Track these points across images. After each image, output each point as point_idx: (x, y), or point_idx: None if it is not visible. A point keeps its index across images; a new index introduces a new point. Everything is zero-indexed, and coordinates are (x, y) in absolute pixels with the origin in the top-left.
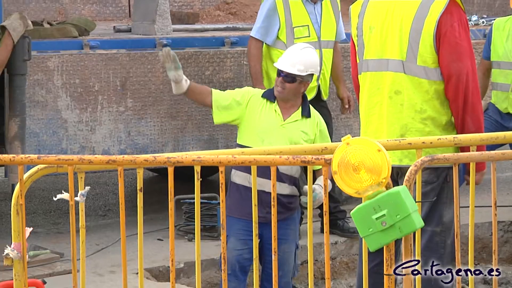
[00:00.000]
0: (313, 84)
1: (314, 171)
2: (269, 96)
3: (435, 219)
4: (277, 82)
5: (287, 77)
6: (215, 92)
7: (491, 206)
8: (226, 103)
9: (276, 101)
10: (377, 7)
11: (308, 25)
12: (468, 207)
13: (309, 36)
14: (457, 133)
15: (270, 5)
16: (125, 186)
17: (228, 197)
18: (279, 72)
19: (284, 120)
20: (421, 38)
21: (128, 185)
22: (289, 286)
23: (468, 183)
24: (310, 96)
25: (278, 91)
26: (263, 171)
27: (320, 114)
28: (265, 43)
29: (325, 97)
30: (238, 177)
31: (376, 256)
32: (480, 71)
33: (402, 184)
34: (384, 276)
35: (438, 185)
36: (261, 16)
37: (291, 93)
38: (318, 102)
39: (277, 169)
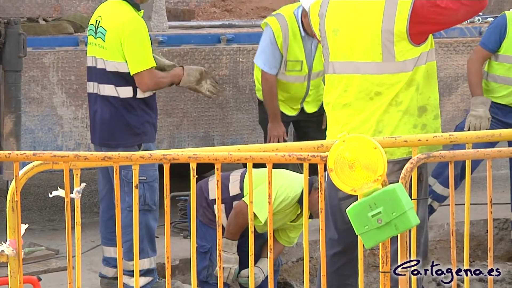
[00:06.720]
0: (297, 106)
1: None
2: None
3: None
4: None
5: None
6: None
7: (486, 204)
8: None
9: None
10: (340, 8)
11: (302, 61)
12: (464, 204)
13: (300, 71)
14: None
15: (271, 38)
16: None
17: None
18: None
19: None
20: (394, 36)
21: None
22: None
23: None
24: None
25: None
26: None
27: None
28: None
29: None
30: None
31: (332, 247)
32: (480, 62)
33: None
34: (380, 273)
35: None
36: (266, 49)
37: None
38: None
39: None
